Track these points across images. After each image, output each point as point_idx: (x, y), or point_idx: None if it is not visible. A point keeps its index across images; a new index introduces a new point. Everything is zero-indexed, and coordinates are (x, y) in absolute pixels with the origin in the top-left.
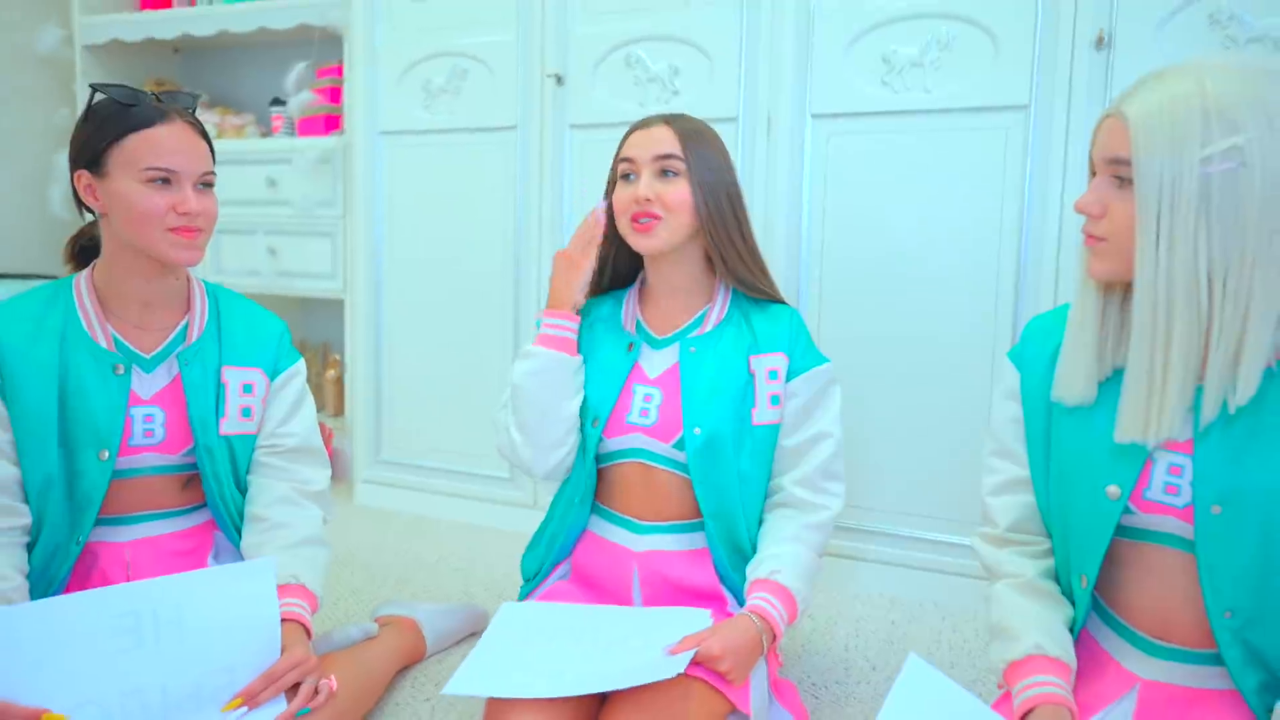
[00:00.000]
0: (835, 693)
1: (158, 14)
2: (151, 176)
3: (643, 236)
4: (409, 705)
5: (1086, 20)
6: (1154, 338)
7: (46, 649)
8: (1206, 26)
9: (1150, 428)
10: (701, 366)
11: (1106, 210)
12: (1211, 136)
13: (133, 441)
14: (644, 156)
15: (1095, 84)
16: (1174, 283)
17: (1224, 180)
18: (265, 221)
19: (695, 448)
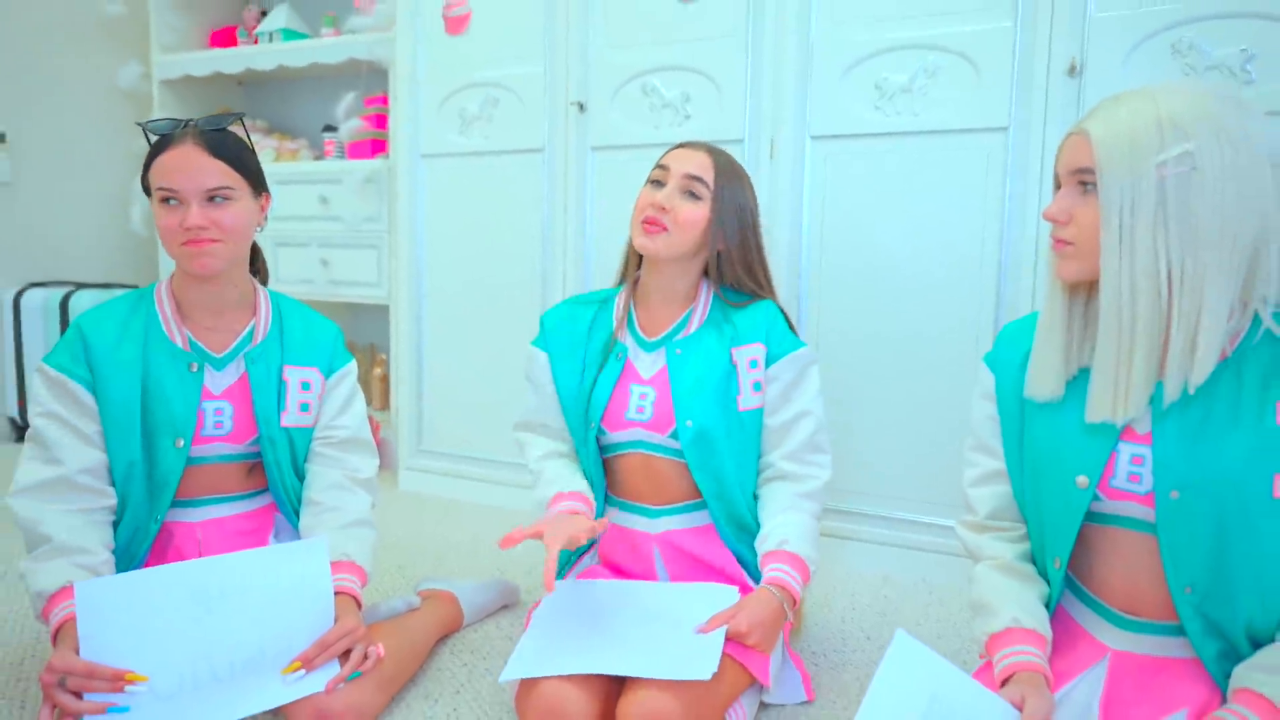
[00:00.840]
0: (833, 660)
1: (224, 52)
2: (162, 196)
3: (646, 238)
4: (448, 670)
5: (1060, 49)
6: (1120, 326)
7: (129, 617)
8: (1169, 55)
9: (1118, 408)
10: (687, 366)
11: (1073, 217)
12: (1165, 144)
13: (204, 432)
14: (677, 170)
15: (1068, 108)
16: (1136, 276)
17: (1178, 183)
18: (318, 235)
19: (688, 439)
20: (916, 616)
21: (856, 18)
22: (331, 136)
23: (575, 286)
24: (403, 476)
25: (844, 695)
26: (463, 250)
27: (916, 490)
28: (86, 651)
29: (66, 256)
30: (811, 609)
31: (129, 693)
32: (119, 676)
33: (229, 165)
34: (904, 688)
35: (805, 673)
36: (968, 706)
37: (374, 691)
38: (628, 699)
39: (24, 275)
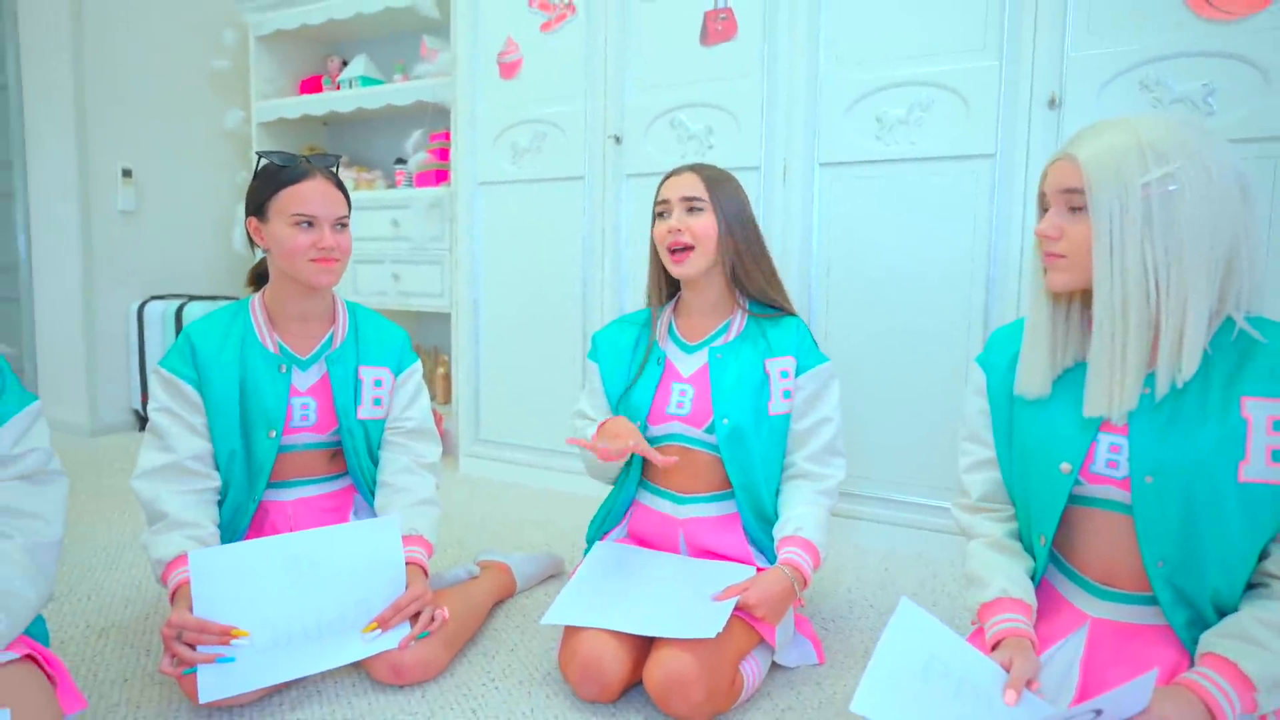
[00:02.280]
0: (841, 625)
1: (311, 97)
2: (297, 220)
3: (678, 265)
4: (503, 631)
5: (1041, 85)
6: (1113, 329)
7: (234, 582)
8: (1138, 90)
9: (1114, 403)
10: (726, 369)
11: (1063, 233)
12: (1148, 167)
13: (293, 424)
14: (675, 197)
15: (1049, 136)
16: (1127, 284)
17: (1161, 201)
18: (390, 253)
19: (724, 435)
20: (915, 588)
21: (859, 59)
22: (401, 168)
23: (612, 296)
24: (463, 462)
25: (851, 657)
26: (514, 265)
27: (915, 475)
28: (199, 610)
29: (180, 273)
30: (821, 582)
31: (234, 646)
32: (225, 632)
33: (345, 198)
34: (907, 648)
35: (816, 638)
36: (963, 666)
37: (440, 649)
38: (653, 659)
39: (146, 289)
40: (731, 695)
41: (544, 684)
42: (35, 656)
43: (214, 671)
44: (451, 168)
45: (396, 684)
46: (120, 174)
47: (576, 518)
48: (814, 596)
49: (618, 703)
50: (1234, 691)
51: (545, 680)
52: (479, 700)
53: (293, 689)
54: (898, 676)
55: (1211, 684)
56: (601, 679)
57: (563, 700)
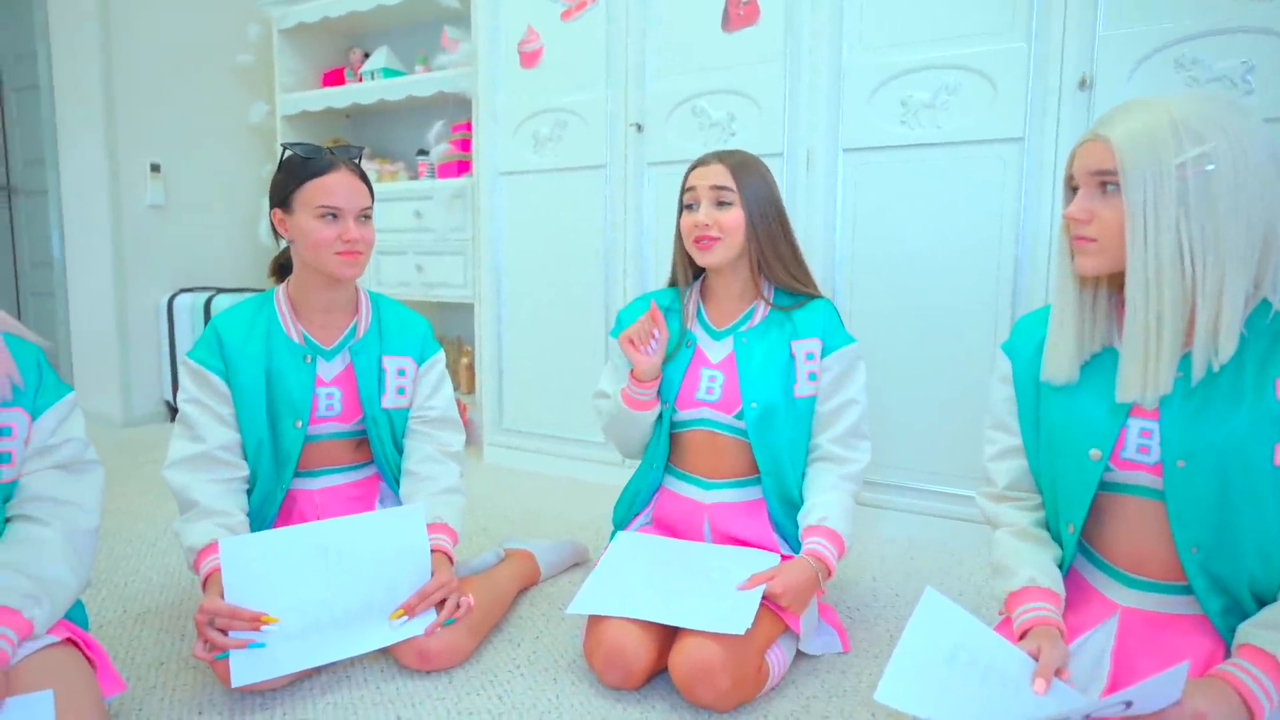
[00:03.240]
0: (866, 614)
1: (334, 90)
2: (322, 212)
3: (704, 254)
4: (528, 617)
5: (1071, 66)
6: (1147, 313)
7: (264, 569)
8: (1173, 69)
9: (1148, 387)
10: (753, 354)
11: (1094, 215)
12: (1183, 147)
13: (318, 414)
14: (703, 187)
15: (1079, 119)
16: (1162, 266)
17: (1197, 180)
18: (414, 244)
19: (753, 418)
20: (939, 577)
21: (884, 42)
22: (424, 159)
23: (634, 285)
24: (487, 451)
25: (876, 645)
26: (536, 255)
27: (939, 463)
28: (230, 597)
29: (208, 266)
30: (846, 570)
31: (264, 631)
32: (256, 618)
33: (369, 190)
34: (932, 638)
35: (841, 627)
36: (990, 654)
37: (465, 635)
38: (678, 648)
39: (175, 282)
40: (757, 683)
41: (569, 671)
42: (76, 640)
43: (246, 656)
44: (473, 158)
45: (423, 670)
46: (149, 169)
47: (600, 506)
48: (838, 585)
49: (643, 690)
50: (1272, 685)
51: (570, 667)
52: (504, 686)
53: (322, 674)
54: (923, 665)
55: (1248, 676)
56: (625, 666)
57: (588, 688)
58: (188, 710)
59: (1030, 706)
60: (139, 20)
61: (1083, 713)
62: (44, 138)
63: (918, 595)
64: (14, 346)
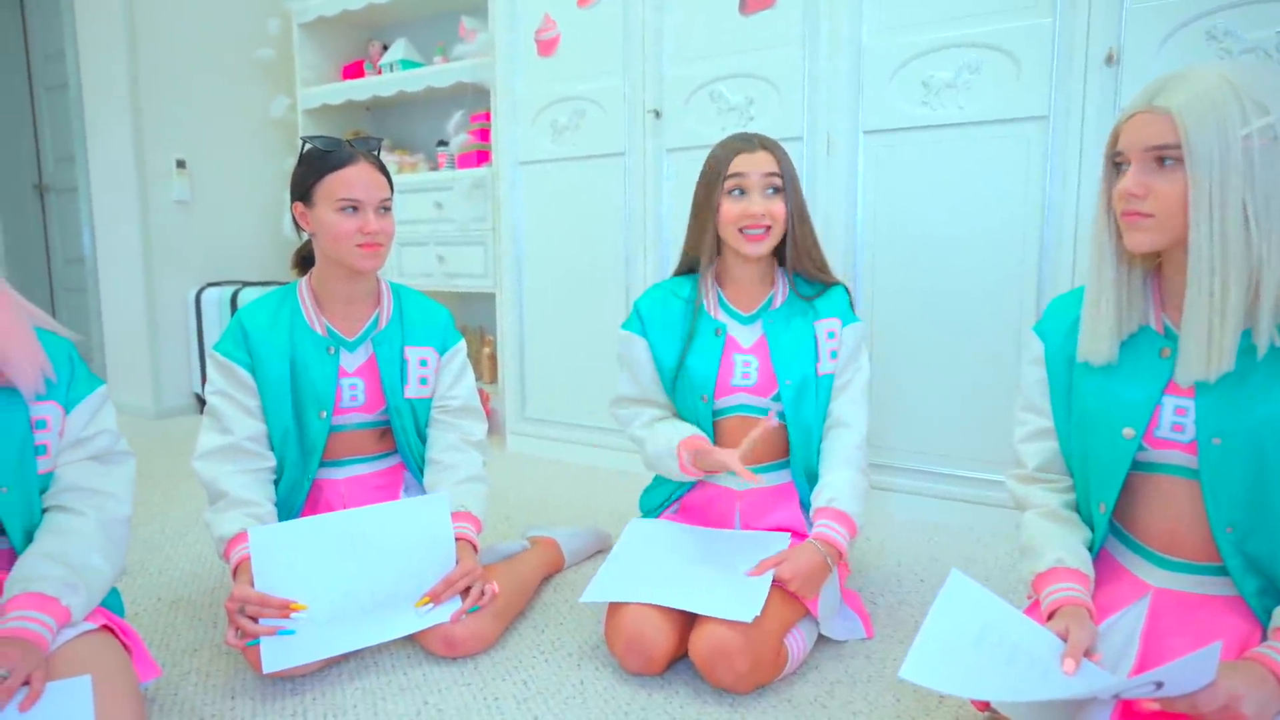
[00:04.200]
0: (890, 600)
1: (354, 82)
2: (342, 205)
3: (755, 244)
4: (552, 605)
5: (1098, 40)
6: (1212, 289)
7: (292, 557)
8: (1204, 41)
9: (1212, 366)
10: (781, 335)
11: (1150, 190)
12: (1248, 118)
13: (342, 404)
14: (755, 175)
15: (1106, 95)
16: (1227, 239)
17: (1264, 151)
18: (435, 235)
19: (789, 396)
20: (966, 562)
21: (904, 22)
22: (443, 150)
23: (654, 272)
24: (510, 440)
25: (900, 630)
26: (556, 244)
27: (963, 448)
28: (259, 585)
29: (234, 260)
30: (869, 555)
31: (293, 619)
32: (285, 605)
33: (388, 182)
34: (958, 619)
35: (865, 612)
36: (1017, 635)
37: (490, 622)
38: (697, 632)
39: (203, 277)
40: (777, 666)
41: (593, 657)
42: (112, 627)
43: (276, 643)
44: (492, 148)
45: (449, 656)
46: (175, 165)
47: (622, 493)
48: (861, 570)
49: (665, 674)
50: None
51: (594, 653)
52: (529, 672)
53: (351, 660)
54: (949, 645)
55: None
56: (646, 651)
57: (611, 673)
58: (221, 695)
59: (1058, 686)
60: (163, 18)
61: (1112, 692)
62: (73, 136)
63: (943, 580)
64: (46, 341)
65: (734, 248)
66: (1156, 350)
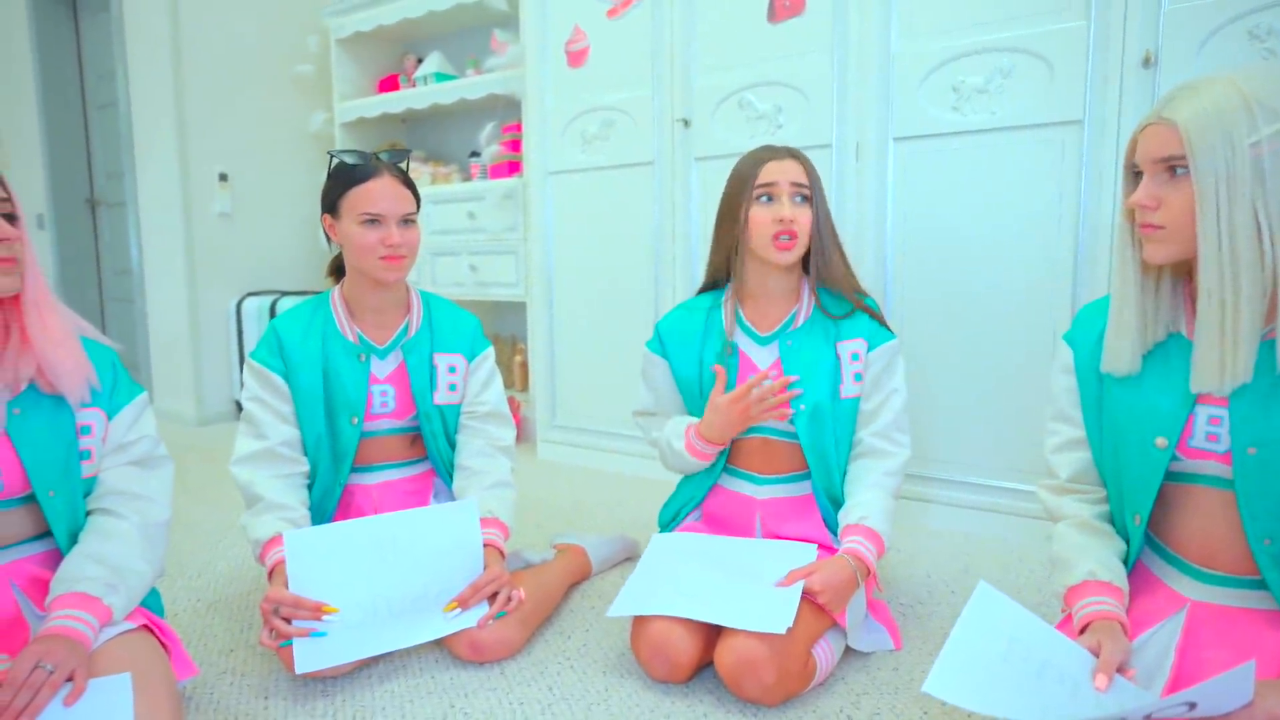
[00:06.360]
0: (919, 611)
1: (389, 96)
2: (365, 219)
3: (785, 253)
4: (578, 612)
5: (1134, 42)
6: (1223, 300)
7: (323, 561)
8: (1246, 41)
9: (1225, 377)
10: (799, 357)
11: (1161, 202)
12: (1256, 126)
13: (373, 411)
14: (784, 183)
15: (1143, 98)
16: (1238, 249)
17: (1274, 158)
18: (467, 245)
19: (803, 421)
20: (995, 573)
21: (934, 27)
22: (476, 160)
23: (684, 281)
24: (540, 447)
25: (929, 642)
26: (586, 252)
27: (994, 457)
28: (293, 587)
29: (273, 270)
30: (898, 566)
31: (325, 621)
32: (318, 608)
33: (412, 195)
34: (985, 632)
35: (893, 623)
36: (1047, 650)
37: (517, 627)
38: (723, 643)
39: (243, 287)
40: (804, 678)
41: (618, 664)
42: (151, 626)
43: (308, 645)
44: (523, 158)
45: (476, 660)
46: (217, 179)
47: (651, 501)
48: (891, 581)
49: (690, 683)
50: None
51: (619, 661)
52: (555, 678)
53: (380, 663)
54: (975, 659)
55: None
56: (671, 660)
57: (636, 681)
58: (255, 695)
59: (1089, 705)
60: (206, 38)
61: (1143, 714)
62: (122, 152)
63: (971, 591)
64: (91, 350)
65: (763, 257)
66: (1188, 359)
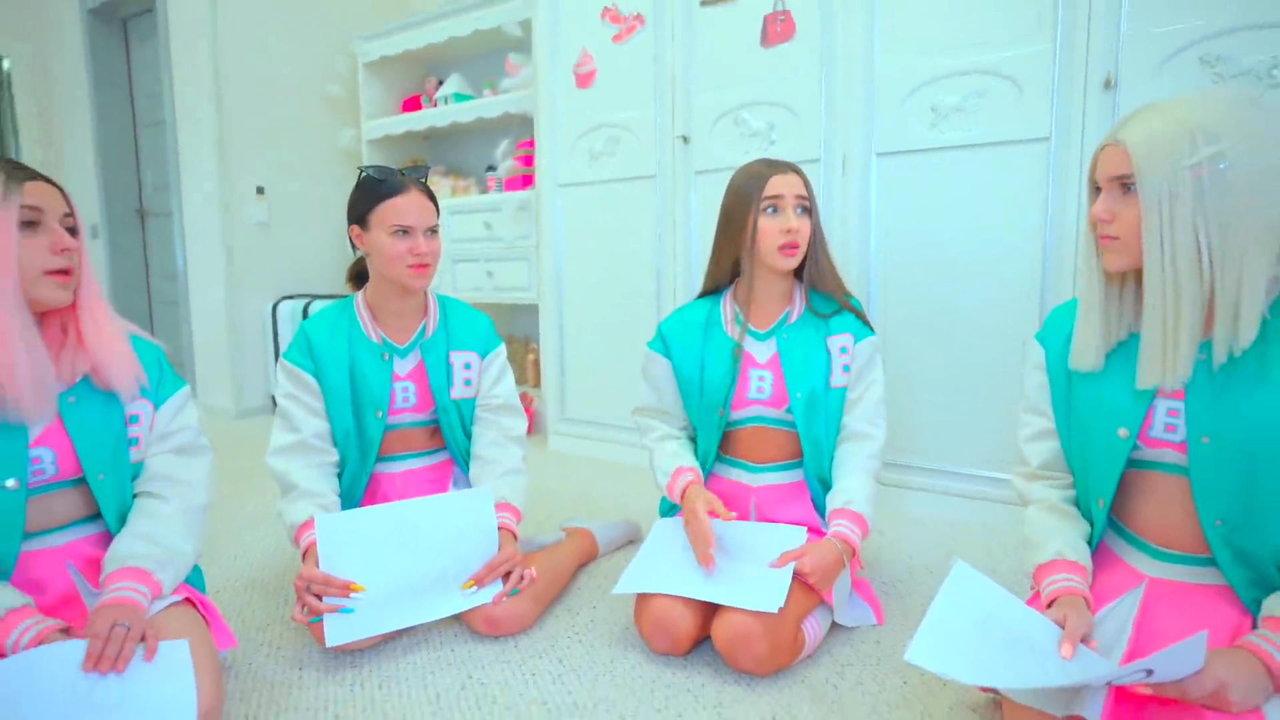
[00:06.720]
0: (900, 590)
1: (412, 115)
2: (396, 229)
3: (789, 259)
4: (586, 590)
5: (1096, 66)
6: (1165, 306)
7: (352, 543)
8: (1198, 66)
9: (1167, 374)
10: (794, 350)
11: (1116, 216)
12: (1197, 148)
13: (396, 405)
14: (789, 195)
15: (1104, 118)
16: (1178, 260)
17: (1212, 178)
18: (484, 252)
19: (800, 408)
20: (971, 554)
21: (914, 51)
22: (492, 174)
23: (683, 286)
24: (551, 439)
25: (909, 618)
26: (594, 259)
27: (970, 449)
28: (324, 567)
29: (306, 276)
30: (881, 548)
31: (353, 598)
32: (346, 586)
33: (435, 208)
34: (962, 606)
35: (875, 600)
36: (1018, 622)
37: (529, 604)
38: (720, 620)
39: (279, 291)
40: (794, 651)
41: (622, 638)
42: (193, 600)
43: (337, 620)
44: (535, 172)
45: (491, 634)
46: (255, 191)
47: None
48: (873, 562)
49: (689, 656)
50: None
51: (624, 635)
52: (564, 651)
53: (404, 637)
54: (952, 630)
55: (1273, 646)
56: (671, 634)
57: (639, 654)
58: (289, 665)
59: (1056, 672)
60: (244, 61)
61: (1106, 679)
62: (168, 166)
63: (950, 570)
64: (138, 346)
65: (768, 263)
66: None
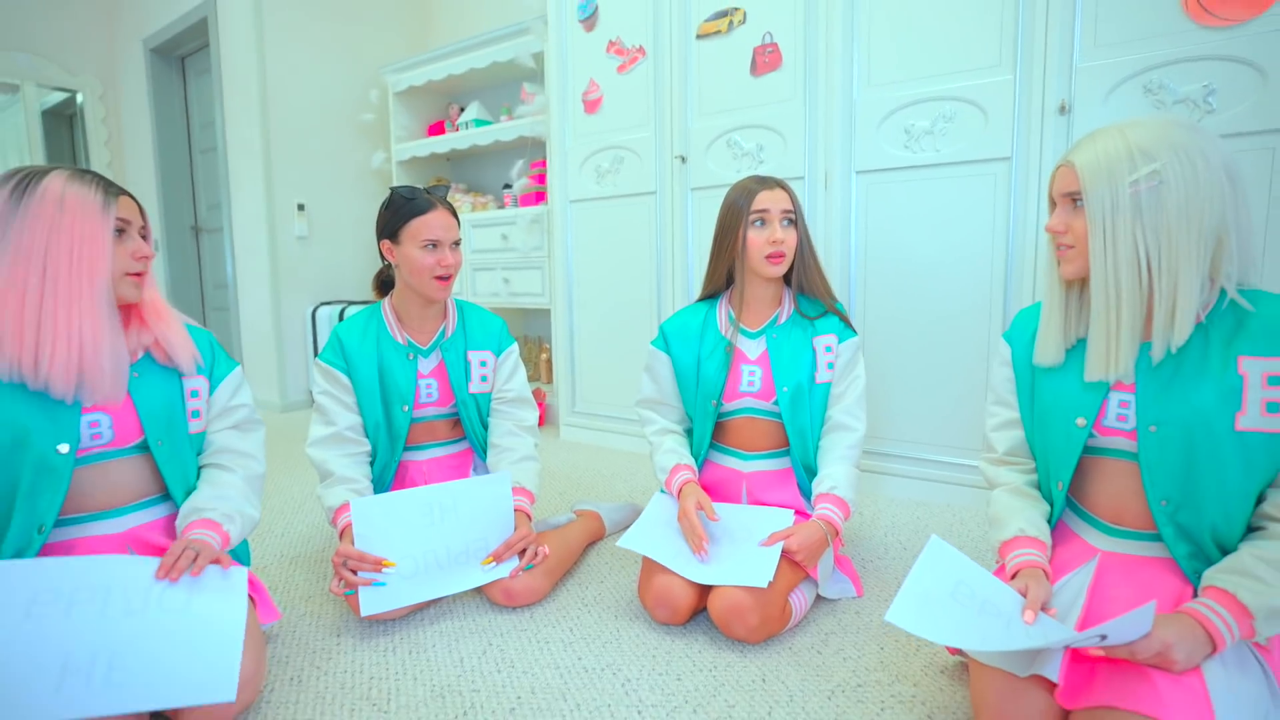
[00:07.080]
0: (878, 565)
1: (436, 138)
2: (425, 244)
3: (775, 267)
4: (594, 566)
5: (1052, 94)
6: (1108, 307)
7: (384, 523)
8: (1142, 94)
9: (1110, 368)
10: (782, 348)
11: (1069, 228)
12: (1135, 167)
13: (421, 400)
14: (775, 209)
15: (1059, 139)
16: (1119, 267)
17: (1149, 194)
18: (501, 262)
19: (786, 401)
20: (944, 532)
21: (889, 80)
22: (508, 191)
23: (681, 291)
24: (562, 430)
25: (886, 589)
26: (600, 268)
27: (942, 437)
28: (359, 545)
29: (342, 284)
30: (861, 527)
31: (385, 573)
32: (379, 562)
33: (458, 222)
34: (936, 576)
35: (856, 574)
36: (986, 591)
37: (542, 578)
38: (715, 593)
39: (317, 297)
40: (782, 621)
41: (627, 610)
42: None
43: (371, 592)
44: (548, 189)
45: (509, 606)
46: (296, 208)
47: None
48: (853, 540)
49: (687, 625)
50: (1232, 619)
51: (628, 607)
52: (575, 620)
53: (430, 608)
54: (927, 597)
55: (1211, 612)
56: (672, 606)
57: (642, 624)
58: (329, 633)
59: (1019, 636)
60: (287, 93)
61: (1064, 642)
62: (220, 187)
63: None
64: (192, 332)
65: (757, 271)
66: None
